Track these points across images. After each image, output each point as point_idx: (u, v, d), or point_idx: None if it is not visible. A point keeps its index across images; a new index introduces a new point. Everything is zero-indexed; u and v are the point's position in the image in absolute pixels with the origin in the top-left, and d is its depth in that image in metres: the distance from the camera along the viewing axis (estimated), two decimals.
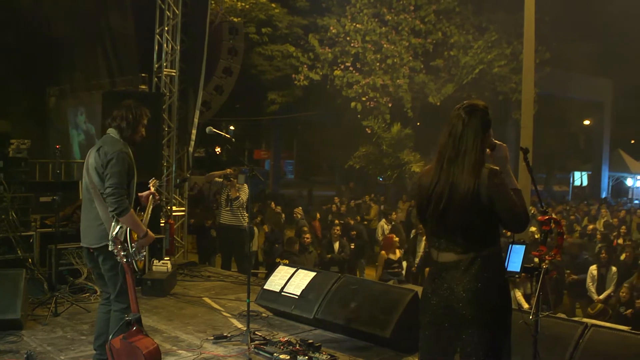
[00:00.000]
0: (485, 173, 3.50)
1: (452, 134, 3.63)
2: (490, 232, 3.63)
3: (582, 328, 5.67)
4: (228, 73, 12.97)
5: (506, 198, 3.51)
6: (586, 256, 12.50)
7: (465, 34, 21.67)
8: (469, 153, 3.55)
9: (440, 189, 3.57)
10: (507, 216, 3.55)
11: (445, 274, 3.61)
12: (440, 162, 3.63)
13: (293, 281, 7.58)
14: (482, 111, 3.69)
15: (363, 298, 6.89)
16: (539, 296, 4.20)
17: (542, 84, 21.50)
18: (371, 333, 6.56)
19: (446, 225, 3.59)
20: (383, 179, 23.70)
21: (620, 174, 36.94)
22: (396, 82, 20.52)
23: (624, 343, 5.50)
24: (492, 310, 3.55)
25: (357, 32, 20.52)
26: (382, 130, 20.79)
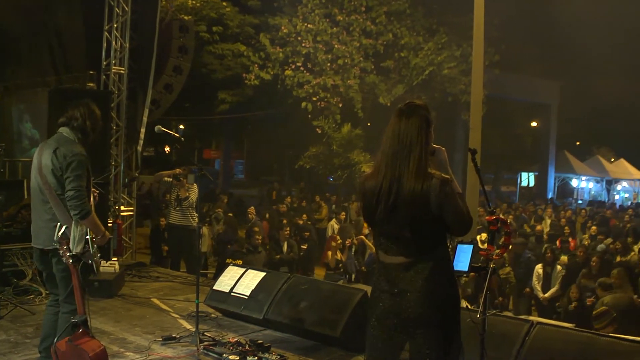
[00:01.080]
0: (436, 182, 3.50)
1: (394, 133, 3.66)
2: (438, 234, 3.66)
3: (529, 326, 5.78)
4: (178, 71, 12.86)
5: (456, 207, 3.54)
6: (529, 255, 12.75)
7: (416, 35, 21.85)
8: (413, 149, 3.56)
9: (387, 189, 3.57)
10: (455, 223, 3.59)
11: (395, 275, 3.62)
12: (385, 162, 3.63)
13: (242, 281, 7.55)
14: (423, 109, 3.73)
15: (313, 298, 6.90)
16: (487, 295, 4.25)
17: (491, 85, 21.78)
18: (321, 333, 6.57)
19: (394, 226, 3.59)
20: (333, 179, 23.75)
21: (565, 174, 37.71)
22: (347, 83, 20.57)
23: (568, 340, 5.62)
24: (442, 310, 3.58)
25: (308, 32, 20.52)
26: (332, 130, 20.83)
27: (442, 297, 3.59)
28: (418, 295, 3.53)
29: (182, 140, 9.07)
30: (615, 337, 5.87)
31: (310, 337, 6.72)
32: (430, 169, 3.57)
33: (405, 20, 21.85)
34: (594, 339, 5.60)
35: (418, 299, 3.53)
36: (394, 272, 3.63)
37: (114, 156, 11.09)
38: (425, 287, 3.53)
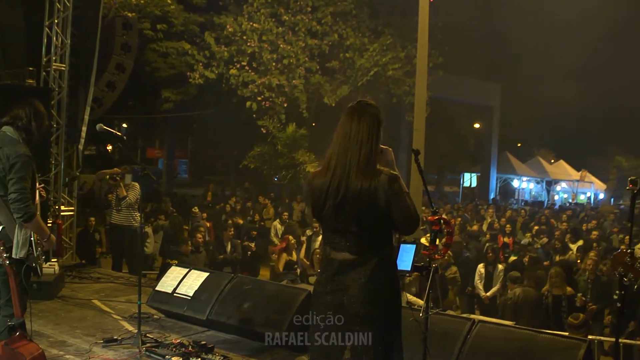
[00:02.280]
0: (385, 178, 3.54)
1: (346, 131, 3.67)
2: (385, 233, 3.70)
3: (470, 324, 5.87)
4: (121, 69, 12.67)
5: (404, 205, 3.58)
6: (467, 254, 12.96)
7: (361, 36, 21.96)
8: (363, 147, 3.59)
9: (336, 186, 3.59)
10: (403, 221, 3.62)
11: (340, 273, 3.63)
12: (335, 160, 3.65)
13: (186, 282, 7.48)
14: (375, 108, 3.76)
15: (257, 298, 6.88)
16: (429, 294, 4.29)
17: (435, 87, 22.05)
18: (265, 333, 6.55)
19: (342, 223, 3.61)
20: (278, 179, 23.71)
21: (507, 175, 38.39)
22: (292, 83, 20.56)
23: (508, 337, 5.73)
24: (385, 309, 3.61)
25: (253, 32, 20.43)
26: (277, 130, 20.79)
27: (386, 297, 3.62)
28: (360, 293, 3.55)
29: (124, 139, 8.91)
30: (554, 334, 6.03)
31: (254, 337, 6.70)
32: (379, 166, 3.61)
33: (350, 21, 21.95)
34: (534, 336, 5.73)
35: (362, 298, 3.55)
36: (338, 268, 3.65)
37: (54, 155, 10.83)
38: (368, 285, 3.56)
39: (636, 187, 4.46)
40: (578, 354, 5.25)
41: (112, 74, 12.56)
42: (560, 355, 5.35)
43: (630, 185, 4.49)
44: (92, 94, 11.42)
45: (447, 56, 23.33)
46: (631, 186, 4.49)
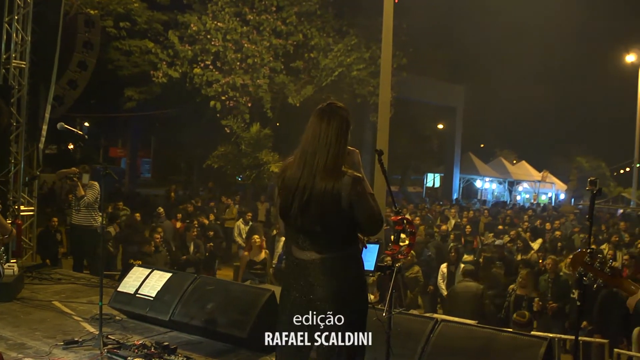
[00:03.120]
0: (348, 180, 3.58)
1: (315, 132, 3.69)
2: (351, 232, 3.72)
3: (433, 323, 5.92)
4: (83, 67, 12.50)
5: (367, 206, 3.61)
6: (429, 253, 13.05)
7: (326, 36, 21.99)
8: (332, 149, 3.62)
9: (303, 186, 3.61)
10: (366, 222, 3.66)
11: (306, 272, 3.64)
12: (304, 160, 3.67)
13: (148, 282, 7.41)
14: (344, 110, 3.79)
15: (220, 299, 6.84)
16: (392, 294, 4.31)
17: (399, 88, 22.16)
18: (228, 334, 6.52)
19: (307, 222, 3.63)
20: (242, 179, 23.62)
21: (470, 176, 38.78)
22: (256, 82, 20.50)
23: (471, 336, 5.79)
24: (351, 309, 3.62)
25: (218, 31, 20.33)
26: (241, 130, 20.71)
27: (352, 297, 3.64)
28: (328, 294, 3.56)
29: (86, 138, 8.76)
30: (514, 333, 6.11)
31: (218, 338, 6.66)
32: (344, 168, 3.64)
33: (315, 21, 21.96)
34: (495, 334, 5.79)
35: (328, 297, 3.55)
36: (304, 267, 3.66)
37: (13, 153, 10.67)
38: (335, 286, 3.57)
39: (595, 187, 4.53)
40: (539, 352, 5.32)
41: (73, 71, 12.38)
42: (522, 353, 5.42)
43: (590, 186, 4.56)
44: (53, 92, 11.27)
45: (411, 57, 23.48)
46: (590, 187, 4.55)
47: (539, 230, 17.92)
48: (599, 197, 4.76)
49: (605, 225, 20.98)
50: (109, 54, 20.79)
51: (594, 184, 4.54)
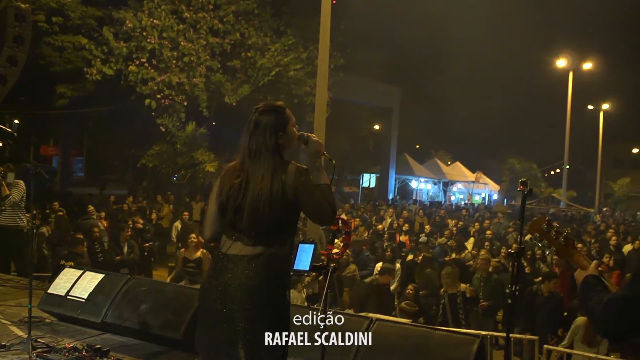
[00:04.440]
0: (292, 170, 3.63)
1: (249, 133, 3.74)
2: (284, 232, 3.73)
3: (368, 322, 5.96)
4: (13, 62, 12.19)
5: (311, 195, 3.62)
6: (367, 253, 13.16)
7: (263, 36, 21.96)
8: (265, 150, 3.67)
9: (239, 183, 3.64)
10: (313, 211, 3.69)
11: (230, 267, 3.63)
12: (242, 160, 3.72)
13: (80, 284, 7.25)
14: (277, 110, 3.85)
15: (154, 299, 6.74)
16: (327, 293, 4.32)
17: (336, 88, 22.30)
18: (162, 335, 6.44)
19: (243, 220, 3.63)
20: (177, 178, 23.38)
21: (405, 176, 39.23)
22: (192, 81, 20.32)
23: (406, 335, 5.86)
24: (271, 308, 3.62)
25: (154, 28, 20.06)
26: (176, 129, 20.51)
27: (272, 296, 3.64)
28: (248, 290, 3.55)
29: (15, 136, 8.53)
30: (449, 331, 6.21)
31: (152, 340, 6.57)
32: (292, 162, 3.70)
33: (253, 21, 21.90)
34: (429, 332, 5.87)
35: (248, 294, 3.55)
36: (230, 263, 3.65)
37: None
38: (256, 283, 3.57)
39: (526, 188, 4.65)
40: (471, 349, 5.41)
41: (3, 67, 12.07)
42: (456, 351, 5.51)
43: (521, 186, 4.67)
44: None
45: (349, 58, 23.63)
46: (522, 187, 4.67)
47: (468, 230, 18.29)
48: (530, 198, 4.89)
49: None
50: (40, 50, 20.24)
51: (525, 185, 4.66)
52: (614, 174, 54.75)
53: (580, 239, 16.73)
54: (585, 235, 19.18)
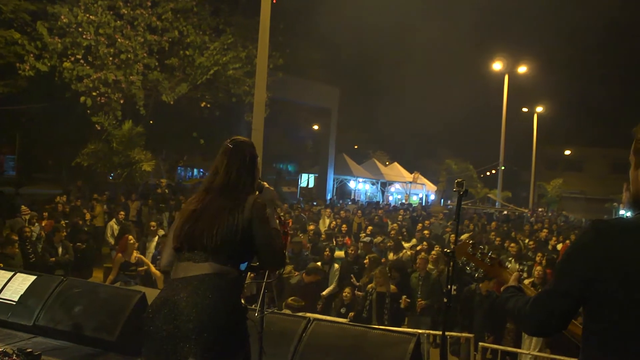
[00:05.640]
0: (251, 200, 3.69)
1: (218, 164, 3.83)
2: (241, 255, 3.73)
3: (306, 322, 5.97)
4: None
5: (267, 231, 3.69)
6: (306, 253, 13.17)
7: (202, 34, 21.81)
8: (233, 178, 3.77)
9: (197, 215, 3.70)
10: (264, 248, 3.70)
11: (182, 286, 3.59)
12: (207, 190, 3.80)
13: (10, 286, 7.05)
14: (249, 145, 3.94)
15: (88, 301, 6.61)
16: (264, 293, 4.31)
17: (275, 88, 22.26)
18: (97, 337, 6.31)
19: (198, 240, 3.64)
20: (113, 178, 22.99)
21: (344, 176, 39.38)
22: (129, 79, 20.02)
23: (343, 334, 5.89)
24: (218, 330, 3.54)
25: (90, 24, 19.67)
26: (112, 127, 20.15)
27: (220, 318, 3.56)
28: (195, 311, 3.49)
29: None
30: (386, 330, 6.26)
31: (86, 342, 6.43)
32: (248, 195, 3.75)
33: (191, 19, 21.73)
34: (367, 332, 5.91)
35: (195, 315, 3.49)
36: (181, 283, 3.61)
37: None
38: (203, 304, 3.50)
39: (462, 189, 4.73)
40: (408, 348, 5.47)
41: None
42: (392, 349, 5.56)
43: (457, 187, 4.75)
44: None
45: (288, 58, 23.64)
46: (458, 188, 4.75)
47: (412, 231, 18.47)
48: (466, 198, 4.98)
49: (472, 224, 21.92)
50: None
51: (460, 186, 4.73)
52: (547, 175, 56.24)
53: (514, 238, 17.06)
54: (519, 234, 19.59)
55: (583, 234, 2.48)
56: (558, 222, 29.37)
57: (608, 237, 2.39)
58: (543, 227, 21.26)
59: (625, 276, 2.31)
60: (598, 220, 2.50)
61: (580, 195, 58.91)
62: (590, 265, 2.38)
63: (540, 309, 2.55)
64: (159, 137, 22.38)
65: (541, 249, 14.84)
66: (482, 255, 3.28)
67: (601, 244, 2.38)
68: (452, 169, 47.03)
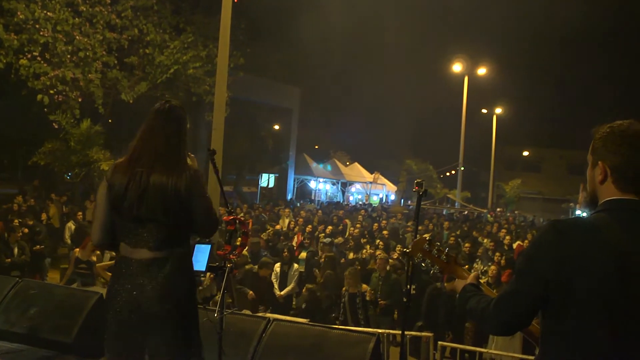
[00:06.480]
0: (190, 173, 3.62)
1: (152, 126, 3.70)
2: (185, 230, 3.71)
3: (265, 323, 5.97)
4: None
5: (205, 201, 3.67)
6: (265, 253, 13.17)
7: (162, 33, 21.60)
8: (171, 139, 3.67)
9: (139, 177, 3.58)
10: (203, 217, 3.68)
11: (136, 271, 3.57)
12: (138, 152, 3.66)
13: None
14: (181, 109, 3.85)
15: (44, 303, 6.53)
16: (224, 294, 4.29)
17: (235, 88, 22.16)
18: (54, 340, 6.23)
19: (147, 213, 3.57)
20: (70, 177, 22.65)
21: (304, 176, 39.40)
22: (87, 77, 19.73)
23: (303, 334, 5.90)
24: (181, 308, 3.61)
25: (47, 21, 19.33)
26: (70, 125, 19.84)
27: (182, 297, 3.61)
28: (157, 291, 3.52)
29: None
30: (345, 329, 6.29)
31: (42, 345, 6.34)
32: (186, 162, 3.70)
33: (152, 17, 21.51)
34: (326, 332, 5.93)
35: (157, 295, 3.51)
36: (135, 267, 3.58)
37: None
38: (165, 283, 3.54)
39: (421, 189, 4.76)
40: (368, 347, 5.51)
41: None
42: (353, 349, 5.59)
43: (417, 187, 4.79)
44: None
45: (249, 57, 23.57)
46: (417, 188, 4.78)
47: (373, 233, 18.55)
48: (425, 198, 5.02)
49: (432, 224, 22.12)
50: None
51: (420, 186, 4.77)
52: (506, 176, 56.96)
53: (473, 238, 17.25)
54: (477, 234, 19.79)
55: (543, 234, 2.50)
56: (517, 222, 29.74)
57: (569, 236, 2.42)
58: (501, 227, 21.49)
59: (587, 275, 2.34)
60: (557, 220, 2.54)
61: (538, 195, 59.85)
62: (553, 265, 2.41)
63: (504, 309, 2.56)
64: (118, 136, 22.07)
65: (499, 248, 15.02)
66: (439, 252, 3.30)
67: (562, 243, 2.41)
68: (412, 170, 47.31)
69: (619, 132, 2.52)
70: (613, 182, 2.53)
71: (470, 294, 2.89)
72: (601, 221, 2.47)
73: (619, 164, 2.51)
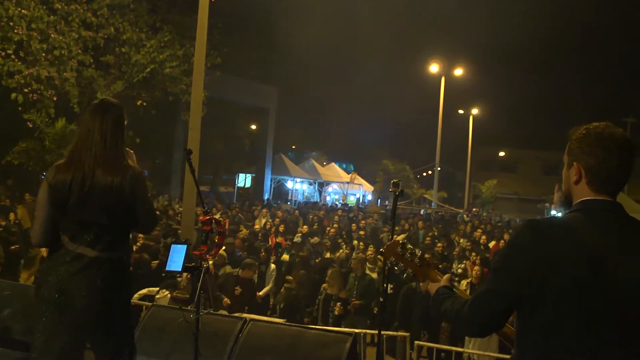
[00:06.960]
0: (132, 173, 3.66)
1: (89, 127, 3.72)
2: (125, 232, 3.77)
3: (242, 323, 5.96)
4: None
5: (147, 200, 3.73)
6: (239, 253, 13.15)
7: (139, 31, 21.48)
8: (109, 141, 3.68)
9: (81, 179, 3.59)
10: (145, 215, 3.74)
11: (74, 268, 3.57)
12: (80, 156, 3.68)
13: None
14: (118, 107, 3.84)
15: (18, 304, 6.46)
16: (200, 294, 4.27)
17: (212, 87, 22.08)
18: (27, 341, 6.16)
19: (90, 215, 3.59)
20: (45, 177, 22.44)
21: (281, 176, 39.37)
22: (63, 75, 19.56)
23: (279, 334, 5.91)
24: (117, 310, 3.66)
25: (22, 18, 19.12)
26: (45, 125, 19.66)
27: (117, 296, 3.67)
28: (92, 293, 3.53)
29: None
30: (322, 330, 6.30)
31: (16, 346, 6.27)
32: (127, 161, 3.73)
33: (128, 15, 21.38)
34: (303, 332, 5.94)
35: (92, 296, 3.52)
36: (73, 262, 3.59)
37: None
38: (101, 286, 3.55)
39: (398, 189, 4.78)
40: (345, 347, 5.51)
41: None
42: (329, 349, 5.60)
43: (393, 187, 4.80)
44: None
45: (226, 57, 23.51)
46: (393, 188, 4.80)
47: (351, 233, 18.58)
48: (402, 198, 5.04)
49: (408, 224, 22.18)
50: None
51: (396, 186, 4.79)
52: (482, 176, 57.38)
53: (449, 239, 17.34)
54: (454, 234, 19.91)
55: (519, 233, 2.51)
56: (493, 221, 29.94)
57: (545, 235, 2.43)
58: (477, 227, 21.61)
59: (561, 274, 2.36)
60: (532, 219, 2.55)
61: (514, 195, 60.34)
62: (529, 264, 2.42)
63: (479, 310, 2.56)
64: None
65: (475, 248, 15.11)
66: (412, 255, 3.30)
67: (538, 242, 2.42)
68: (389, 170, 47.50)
69: (595, 134, 2.55)
70: (587, 183, 2.56)
71: (443, 297, 2.90)
72: (576, 221, 2.49)
73: (593, 165, 2.53)
